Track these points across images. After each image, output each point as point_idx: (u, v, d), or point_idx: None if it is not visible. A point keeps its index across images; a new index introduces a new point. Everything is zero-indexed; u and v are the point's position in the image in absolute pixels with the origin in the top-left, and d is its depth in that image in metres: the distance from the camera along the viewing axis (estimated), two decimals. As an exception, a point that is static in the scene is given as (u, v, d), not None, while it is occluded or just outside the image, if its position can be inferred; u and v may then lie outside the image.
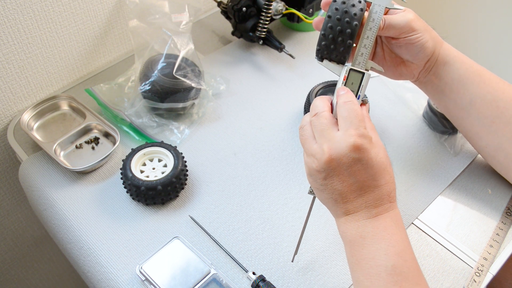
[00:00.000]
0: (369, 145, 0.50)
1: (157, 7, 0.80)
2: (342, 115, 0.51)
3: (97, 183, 0.72)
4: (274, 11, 0.87)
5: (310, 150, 0.53)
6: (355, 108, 0.51)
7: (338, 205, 0.52)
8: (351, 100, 0.52)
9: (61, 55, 0.83)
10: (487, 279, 0.63)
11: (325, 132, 0.51)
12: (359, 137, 0.50)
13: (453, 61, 0.65)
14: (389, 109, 0.84)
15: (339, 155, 0.50)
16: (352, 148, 0.49)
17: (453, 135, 0.79)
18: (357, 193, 0.51)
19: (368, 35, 0.55)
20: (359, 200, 0.51)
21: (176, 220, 0.68)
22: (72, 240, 0.68)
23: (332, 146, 0.50)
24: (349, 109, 0.51)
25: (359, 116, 0.51)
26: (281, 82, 0.88)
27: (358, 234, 0.51)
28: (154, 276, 0.60)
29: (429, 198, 0.71)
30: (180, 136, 0.78)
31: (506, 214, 0.69)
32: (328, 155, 0.50)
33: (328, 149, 0.50)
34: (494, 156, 0.68)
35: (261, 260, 0.64)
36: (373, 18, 0.56)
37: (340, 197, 0.52)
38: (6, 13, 0.72)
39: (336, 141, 0.50)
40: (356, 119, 0.51)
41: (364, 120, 0.52)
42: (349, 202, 0.52)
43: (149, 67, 0.77)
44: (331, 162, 0.50)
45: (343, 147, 0.50)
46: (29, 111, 0.79)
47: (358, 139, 0.49)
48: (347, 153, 0.50)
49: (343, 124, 0.51)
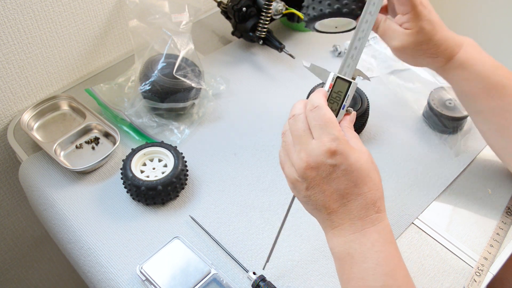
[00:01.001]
0: (346, 148, 0.48)
1: (157, 7, 0.80)
2: (311, 124, 0.50)
3: (97, 183, 0.72)
4: (274, 11, 0.87)
5: (291, 159, 0.51)
6: (323, 113, 0.49)
7: (323, 216, 0.51)
8: (318, 104, 0.50)
9: (61, 55, 0.83)
10: (487, 279, 0.63)
11: (303, 139, 0.50)
12: (333, 141, 0.48)
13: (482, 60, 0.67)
14: (389, 109, 0.84)
15: (316, 163, 0.48)
16: (328, 154, 0.47)
17: (453, 135, 0.79)
18: (339, 202, 0.49)
19: (356, 46, 0.54)
20: (342, 209, 0.49)
21: (176, 220, 0.68)
22: (72, 240, 0.68)
23: (309, 153, 0.49)
24: (316, 116, 0.49)
25: (329, 121, 0.49)
26: (281, 82, 0.88)
27: (345, 251, 0.49)
28: (154, 276, 0.60)
29: (429, 198, 0.71)
30: (180, 136, 0.78)
31: (506, 214, 0.69)
32: (306, 164, 0.48)
33: (305, 157, 0.49)
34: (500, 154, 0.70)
35: (261, 260, 0.64)
36: (366, 19, 0.54)
37: (323, 208, 0.50)
38: (6, 13, 0.72)
39: (311, 149, 0.48)
40: (326, 124, 0.48)
41: (335, 123, 0.49)
42: (333, 213, 0.50)
43: (149, 67, 0.77)
44: (310, 171, 0.48)
45: (319, 154, 0.48)
46: (29, 111, 0.79)
47: (332, 144, 0.47)
48: (324, 160, 0.48)
49: (315, 132, 0.49)
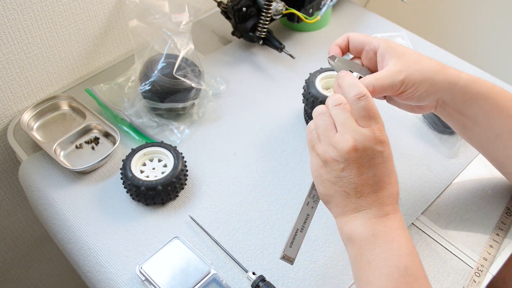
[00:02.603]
0: (388, 140, 0.51)
1: (157, 7, 0.80)
2: (359, 114, 0.51)
3: (97, 183, 0.72)
4: (274, 11, 0.87)
5: (330, 139, 0.51)
6: (371, 104, 0.50)
7: (350, 199, 0.51)
8: (366, 94, 0.51)
9: (61, 55, 0.83)
10: (487, 279, 0.63)
11: (348, 123, 0.50)
12: (381, 131, 0.50)
13: (475, 98, 0.59)
14: (389, 109, 0.84)
15: (364, 145, 0.49)
16: (378, 141, 0.50)
17: (453, 135, 0.79)
18: (372, 188, 0.50)
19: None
20: (373, 195, 0.50)
21: (176, 220, 0.68)
22: (72, 240, 0.68)
23: (356, 136, 0.49)
24: (366, 106, 0.50)
25: (377, 113, 0.51)
26: (281, 82, 0.88)
27: (369, 233, 0.50)
28: (154, 276, 0.60)
29: (429, 198, 0.71)
30: (180, 136, 0.78)
31: (506, 214, 0.69)
32: (353, 145, 0.49)
33: (352, 139, 0.49)
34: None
35: (261, 260, 0.64)
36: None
37: (354, 191, 0.50)
38: (6, 13, 0.72)
39: (361, 133, 0.50)
40: (375, 116, 0.50)
41: (380, 116, 0.51)
42: (362, 197, 0.50)
43: (149, 67, 0.77)
44: (355, 152, 0.49)
45: (369, 139, 0.49)
46: (29, 111, 0.79)
47: (382, 133, 0.50)
48: (372, 145, 0.49)
49: (363, 122, 0.50)
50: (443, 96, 0.59)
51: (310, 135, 0.54)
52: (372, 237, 0.50)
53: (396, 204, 0.52)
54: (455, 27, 1.51)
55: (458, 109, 0.60)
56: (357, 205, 0.51)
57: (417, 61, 0.57)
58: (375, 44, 0.59)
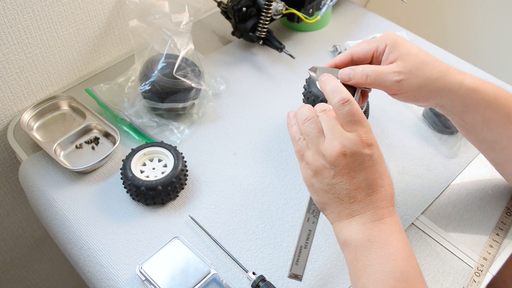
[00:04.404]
0: (376, 142, 0.50)
1: (157, 7, 0.80)
2: (344, 119, 0.51)
3: (97, 183, 0.72)
4: (274, 11, 0.87)
5: (318, 146, 0.51)
6: (355, 108, 0.51)
7: (344, 205, 0.51)
8: (350, 99, 0.51)
9: (61, 55, 0.83)
10: (487, 279, 0.63)
11: (335, 129, 0.51)
12: (367, 134, 0.50)
13: (476, 106, 0.58)
14: (389, 109, 0.84)
15: (352, 150, 0.49)
16: (365, 145, 0.50)
17: (453, 135, 0.79)
18: (365, 192, 0.50)
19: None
20: (367, 199, 0.50)
21: (176, 220, 0.68)
22: (72, 240, 0.68)
23: (344, 142, 0.50)
24: (351, 111, 0.50)
25: (362, 117, 0.51)
26: (281, 82, 0.88)
27: (364, 238, 0.50)
28: (154, 276, 0.60)
29: (429, 198, 0.71)
30: (180, 136, 0.78)
31: (506, 214, 0.69)
32: (341, 151, 0.49)
33: (340, 145, 0.50)
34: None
35: (261, 260, 0.64)
36: None
37: (347, 196, 0.50)
38: (6, 13, 0.72)
39: (347, 138, 0.50)
40: (360, 121, 0.50)
41: (366, 119, 0.51)
42: (356, 202, 0.50)
43: (149, 67, 0.77)
44: (343, 158, 0.49)
45: (357, 143, 0.49)
46: (29, 111, 0.79)
47: (368, 136, 0.50)
48: (360, 149, 0.49)
49: (349, 127, 0.50)
50: (441, 102, 0.59)
51: (297, 144, 0.54)
52: (367, 242, 0.49)
53: (392, 207, 0.51)
54: (455, 27, 1.51)
55: (457, 114, 0.60)
56: (351, 210, 0.51)
57: (419, 65, 0.56)
58: (382, 46, 0.59)
